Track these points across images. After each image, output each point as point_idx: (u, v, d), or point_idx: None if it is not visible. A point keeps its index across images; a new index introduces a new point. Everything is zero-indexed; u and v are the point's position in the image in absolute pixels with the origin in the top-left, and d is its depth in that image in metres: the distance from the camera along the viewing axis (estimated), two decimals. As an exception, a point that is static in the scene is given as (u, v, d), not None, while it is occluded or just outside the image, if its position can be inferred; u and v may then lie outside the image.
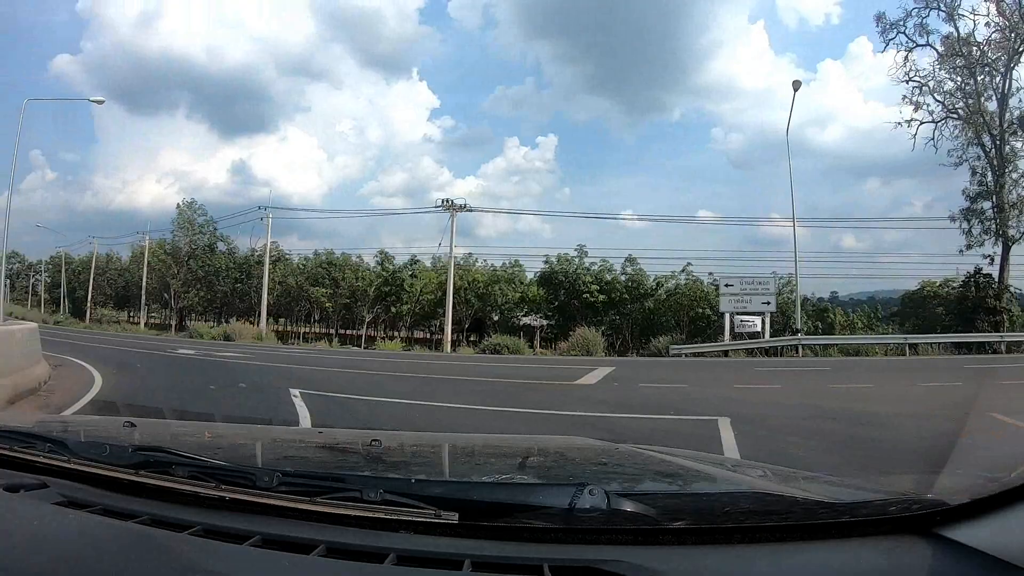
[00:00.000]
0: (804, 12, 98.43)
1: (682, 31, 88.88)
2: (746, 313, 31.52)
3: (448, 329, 37.75)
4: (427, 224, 76.44)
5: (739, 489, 1.65)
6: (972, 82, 33.37)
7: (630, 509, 1.22)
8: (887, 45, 34.65)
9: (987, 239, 33.48)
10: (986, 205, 33.63)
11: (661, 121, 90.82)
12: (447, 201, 37.94)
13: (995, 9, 32.40)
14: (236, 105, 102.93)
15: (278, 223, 50.24)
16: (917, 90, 34.28)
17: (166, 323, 56.12)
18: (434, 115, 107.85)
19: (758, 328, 31.04)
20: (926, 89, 34.23)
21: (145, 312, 58.38)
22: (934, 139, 34.11)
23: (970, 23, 32.90)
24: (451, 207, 37.63)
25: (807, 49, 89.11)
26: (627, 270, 44.71)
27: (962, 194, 34.35)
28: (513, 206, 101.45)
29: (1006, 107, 32.82)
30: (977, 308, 32.27)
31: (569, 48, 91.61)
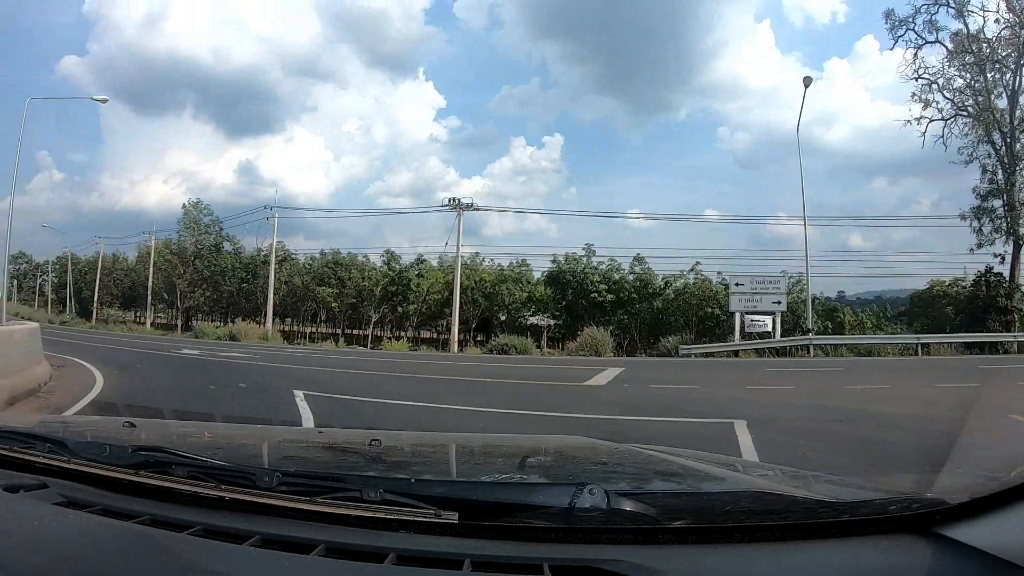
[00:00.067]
0: (810, 11, 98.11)
1: (688, 30, 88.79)
2: (756, 313, 31.19)
3: (455, 329, 37.64)
4: (434, 224, 76.26)
5: (739, 488, 1.63)
6: (982, 79, 32.96)
7: (630, 508, 1.22)
8: (896, 42, 34.27)
9: (998, 238, 33.13)
10: (997, 203, 33.26)
11: (667, 121, 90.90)
12: (454, 200, 37.81)
13: (1005, 5, 31.99)
14: (242, 105, 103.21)
15: (284, 223, 50.15)
16: (926, 87, 33.91)
17: (172, 323, 55.96)
18: (440, 115, 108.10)
19: (769, 328, 30.71)
20: (935, 87, 33.88)
21: (151, 312, 58.41)
22: (943, 137, 33.75)
23: (980, 20, 32.51)
24: (458, 206, 37.47)
25: (813, 48, 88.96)
26: (635, 269, 44.46)
27: (972, 192, 34.09)
28: (519, 206, 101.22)
29: (1016, 104, 32.36)
30: (988, 308, 32.00)
31: (575, 48, 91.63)
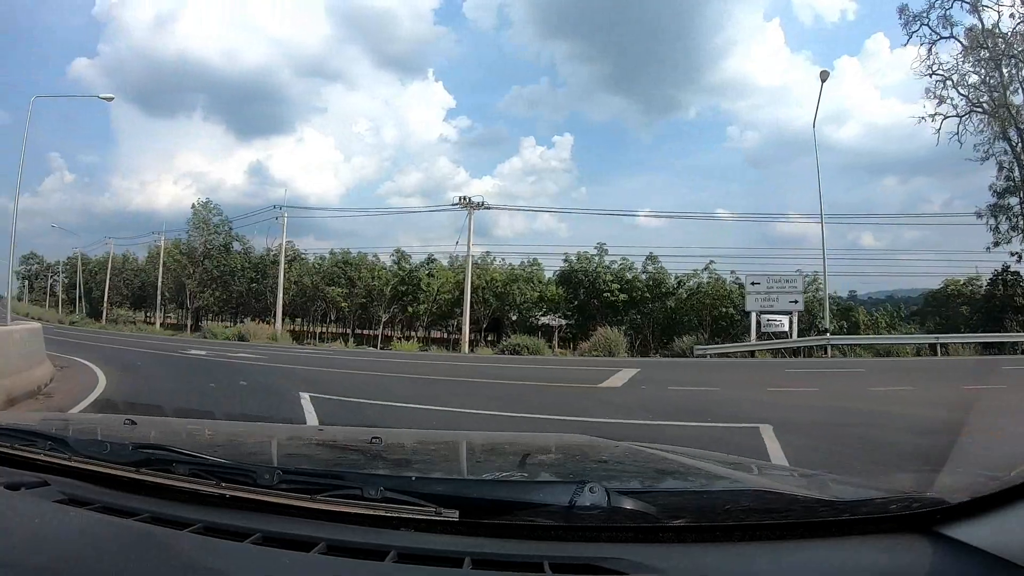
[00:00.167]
0: (820, 9, 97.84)
1: (697, 29, 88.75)
2: (773, 312, 30.74)
3: (466, 329, 37.32)
4: (444, 224, 76.56)
5: (739, 487, 1.63)
6: (997, 75, 32.59)
7: (630, 507, 1.21)
8: (910, 38, 33.92)
9: (1015, 236, 32.98)
10: (1013, 201, 33.07)
11: (677, 120, 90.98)
12: (464, 199, 37.50)
13: (1020, 0, 31.47)
14: (252, 107, 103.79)
15: (295, 224, 50.15)
16: (941, 84, 33.50)
17: (182, 323, 56.11)
18: (450, 115, 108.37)
19: (785, 328, 30.28)
20: (950, 83, 33.46)
21: (161, 313, 58.50)
22: (958, 134, 33.32)
23: (995, 15, 32.10)
24: (469, 205, 37.16)
25: (823, 46, 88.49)
26: (648, 268, 44.15)
27: (989, 190, 33.87)
28: (529, 206, 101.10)
29: (1032, 100, 31.87)
30: (1005, 307, 31.81)
31: (584, 47, 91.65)
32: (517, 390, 13.75)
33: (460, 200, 37.53)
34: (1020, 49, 32.00)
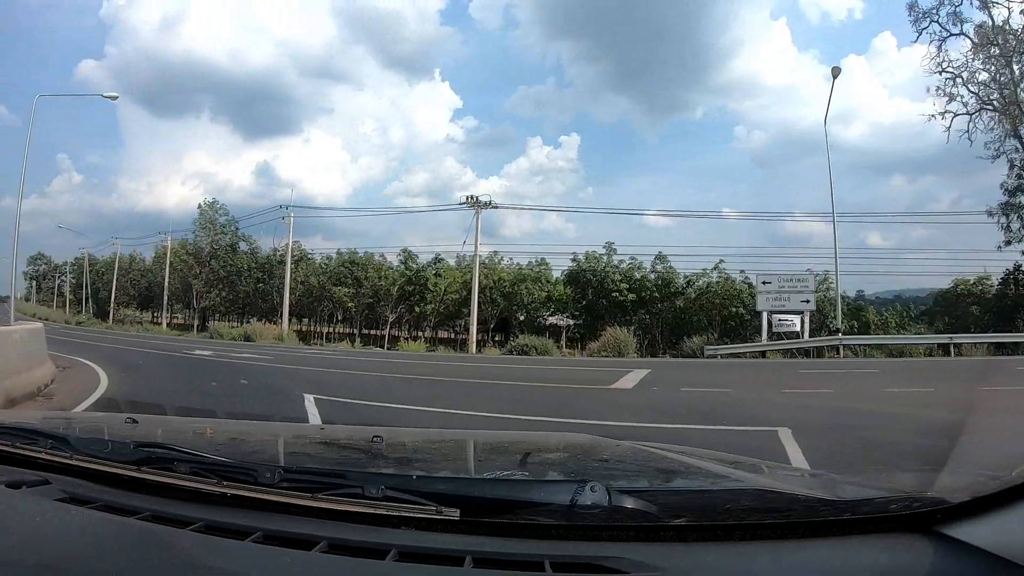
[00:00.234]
0: (827, 7, 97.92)
1: (704, 29, 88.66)
2: (784, 312, 30.33)
3: (473, 329, 37.00)
4: (451, 224, 76.57)
5: (740, 486, 1.61)
6: (1007, 72, 32.15)
7: (631, 506, 1.21)
8: (920, 35, 33.38)
9: (1027, 235, 32.49)
10: (1025, 199, 32.50)
11: (684, 120, 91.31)
12: (472, 198, 37.21)
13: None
14: (259, 107, 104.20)
15: (302, 224, 50.04)
16: (950, 81, 33.04)
17: (189, 324, 56.21)
18: (457, 115, 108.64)
19: (797, 328, 29.86)
20: (959, 80, 33.01)
21: (168, 313, 58.53)
22: (968, 132, 32.88)
23: (1004, 11, 31.50)
24: (476, 204, 36.88)
25: (830, 45, 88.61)
26: (657, 268, 43.90)
27: (1000, 188, 33.59)
28: (537, 205, 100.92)
29: (1043, 98, 31.45)
30: (1017, 306, 31.53)
31: (591, 48, 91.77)
32: (526, 392, 13.51)
33: (467, 199, 37.26)
34: (1030, 46, 31.55)
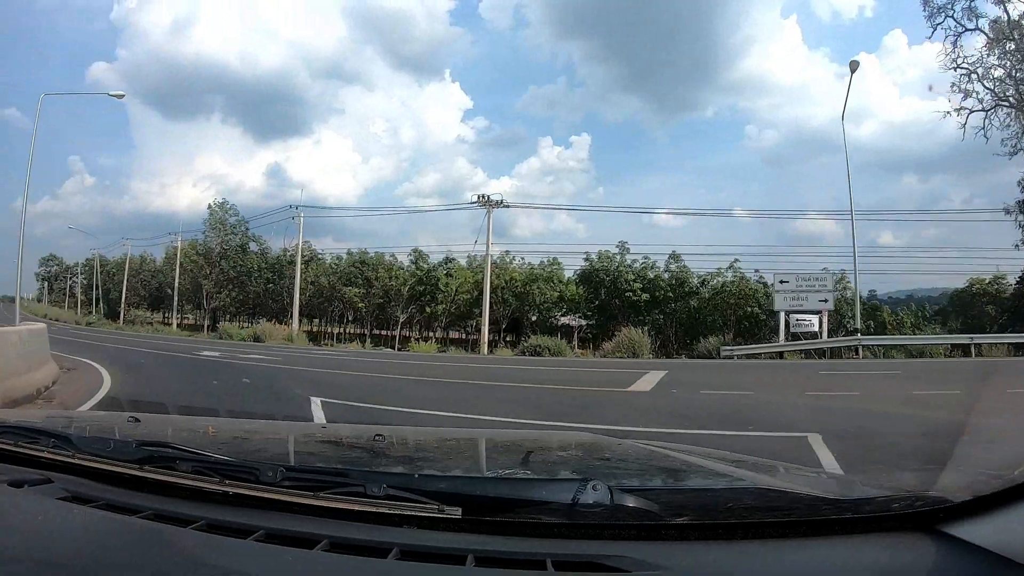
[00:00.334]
0: (837, 5, 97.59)
1: (715, 28, 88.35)
2: (802, 312, 29.87)
3: (485, 329, 36.69)
4: (462, 224, 76.45)
5: (742, 485, 1.62)
6: (1023, 68, 31.37)
7: (633, 504, 1.22)
8: (935, 30, 32.72)
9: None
10: (1043, 197, 31.99)
11: (694, 119, 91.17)
12: (483, 197, 36.88)
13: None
14: (270, 109, 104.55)
15: (313, 224, 49.93)
16: (966, 78, 32.37)
17: (199, 324, 56.26)
18: (467, 116, 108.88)
19: (815, 328, 29.43)
20: (975, 76, 32.33)
21: (178, 313, 58.64)
22: (984, 128, 32.22)
23: (1021, 6, 30.85)
24: (488, 203, 36.52)
25: (841, 43, 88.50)
26: (670, 267, 43.46)
27: (1017, 185, 33.15)
28: (548, 204, 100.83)
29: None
30: (1035, 306, 30.79)
31: (601, 47, 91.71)
32: (541, 394, 13.13)
33: (479, 198, 36.97)
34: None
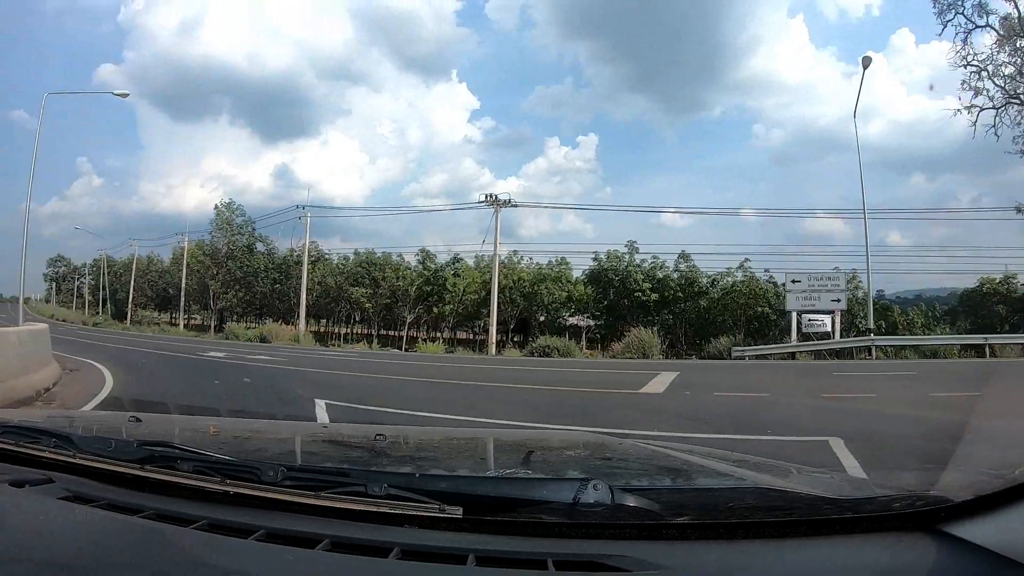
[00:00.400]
0: (844, 4, 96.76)
1: (721, 28, 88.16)
2: (814, 312, 29.56)
3: (493, 330, 36.52)
4: (469, 225, 76.43)
5: (743, 484, 1.61)
6: (1035, 65, 30.81)
7: (633, 504, 1.21)
8: (945, 27, 32.12)
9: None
10: (1055, 196, 31.47)
11: (702, 119, 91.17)
12: (491, 196, 36.65)
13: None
14: (277, 110, 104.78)
15: (321, 225, 49.84)
16: (976, 75, 31.75)
17: (206, 325, 56.33)
18: (474, 116, 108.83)
19: (827, 328, 29.14)
20: (985, 74, 31.72)
21: (185, 314, 58.71)
22: (995, 126, 31.55)
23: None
24: (495, 202, 36.29)
25: (848, 42, 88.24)
26: (680, 267, 43.15)
27: None
28: (556, 203, 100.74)
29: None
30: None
31: (608, 47, 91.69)
32: (551, 396, 12.92)
33: (487, 197, 36.74)
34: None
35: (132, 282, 61.50)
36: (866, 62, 31.17)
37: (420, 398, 11.99)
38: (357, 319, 54.26)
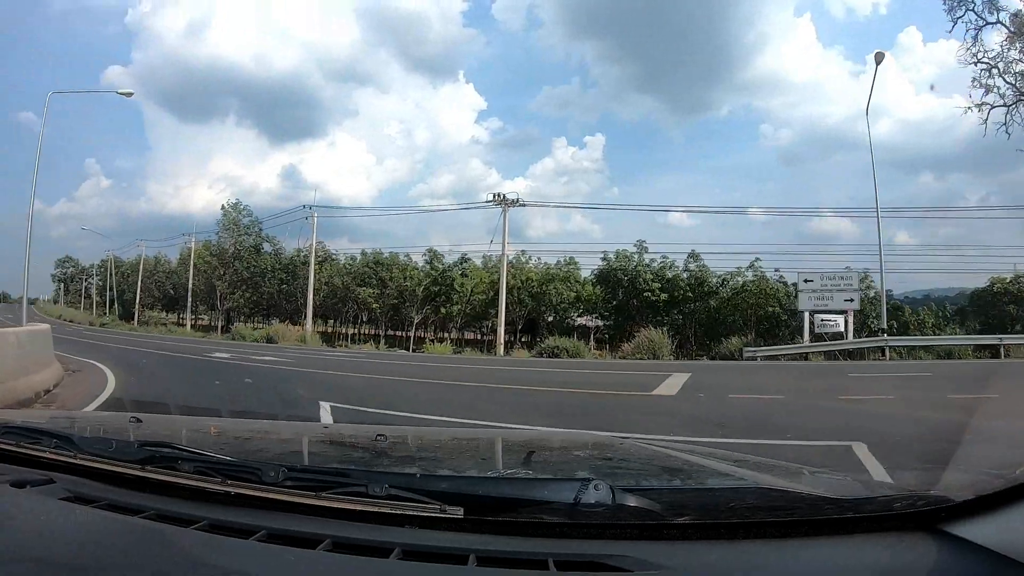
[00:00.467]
0: (851, 3, 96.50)
1: (728, 27, 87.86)
2: (827, 312, 29.15)
3: (501, 330, 36.21)
4: (477, 225, 76.28)
5: (744, 484, 1.61)
6: (1047, 63, 30.37)
7: (634, 504, 1.21)
8: (955, 24, 31.67)
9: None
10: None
11: (709, 118, 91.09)
12: (499, 196, 36.47)
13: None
14: (284, 111, 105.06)
15: (328, 225, 49.69)
16: (986, 72, 31.30)
17: (213, 325, 56.35)
18: (481, 117, 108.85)
19: (840, 328, 28.73)
20: (995, 71, 31.26)
21: (192, 314, 58.72)
22: (1006, 124, 31.07)
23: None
24: (503, 201, 36.10)
25: (855, 40, 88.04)
26: (690, 267, 42.85)
27: None
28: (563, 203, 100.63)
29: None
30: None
31: (614, 47, 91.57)
32: (561, 399, 12.65)
33: (494, 197, 36.59)
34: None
35: (139, 283, 61.76)
36: (879, 58, 30.78)
37: (428, 401, 11.73)
38: (364, 319, 54.11)
